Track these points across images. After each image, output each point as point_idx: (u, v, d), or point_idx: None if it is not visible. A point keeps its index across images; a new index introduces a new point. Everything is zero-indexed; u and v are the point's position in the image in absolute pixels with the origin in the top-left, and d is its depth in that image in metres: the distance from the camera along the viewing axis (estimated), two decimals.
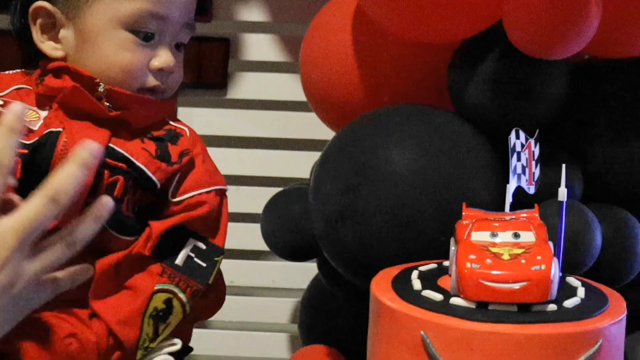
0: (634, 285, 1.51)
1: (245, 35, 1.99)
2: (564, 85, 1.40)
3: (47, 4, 1.16)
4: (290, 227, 1.57)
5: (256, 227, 1.69)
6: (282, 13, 1.96)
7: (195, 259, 1.19)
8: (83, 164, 0.96)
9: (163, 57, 1.18)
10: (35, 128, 1.12)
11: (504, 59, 1.36)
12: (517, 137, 1.12)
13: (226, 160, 1.98)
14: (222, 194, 1.25)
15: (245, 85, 1.99)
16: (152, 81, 1.18)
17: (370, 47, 1.53)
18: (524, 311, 0.96)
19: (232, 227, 2.03)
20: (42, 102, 1.16)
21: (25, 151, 1.09)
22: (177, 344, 1.20)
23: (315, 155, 1.64)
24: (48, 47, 1.17)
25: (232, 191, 1.98)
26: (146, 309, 1.14)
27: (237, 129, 2.00)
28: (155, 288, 1.15)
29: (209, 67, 1.97)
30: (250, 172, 2.00)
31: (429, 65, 1.50)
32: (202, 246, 1.20)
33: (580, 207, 1.32)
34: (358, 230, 1.35)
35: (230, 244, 2.03)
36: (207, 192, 1.21)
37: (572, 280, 1.09)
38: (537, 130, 1.14)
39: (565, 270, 1.12)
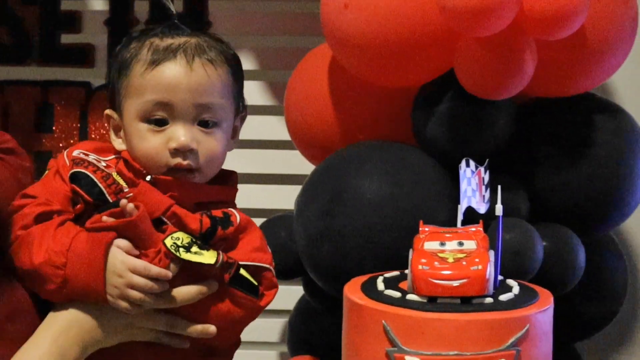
0: (589, 298, 1.75)
1: None
2: (510, 121, 1.63)
3: (109, 111, 1.38)
4: (277, 249, 1.73)
5: None
6: (267, 61, 2.16)
7: None
8: None
9: (177, 138, 1.31)
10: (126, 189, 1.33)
11: (457, 100, 1.60)
12: (467, 165, 1.32)
13: None
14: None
15: None
16: (172, 160, 1.31)
17: (345, 92, 1.75)
18: (466, 303, 1.19)
19: None
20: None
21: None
22: None
23: (298, 189, 1.84)
24: (116, 143, 1.38)
25: None
26: None
27: (228, 166, 2.18)
28: None
29: None
30: (241, 204, 2.17)
31: (396, 106, 1.72)
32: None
33: (521, 223, 1.55)
34: (334, 248, 1.59)
35: None
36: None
37: (510, 281, 1.31)
38: (487, 160, 1.35)
39: (511, 277, 1.33)
